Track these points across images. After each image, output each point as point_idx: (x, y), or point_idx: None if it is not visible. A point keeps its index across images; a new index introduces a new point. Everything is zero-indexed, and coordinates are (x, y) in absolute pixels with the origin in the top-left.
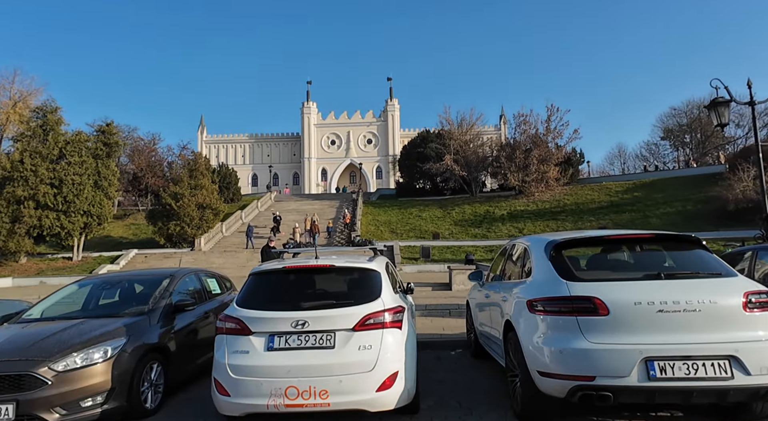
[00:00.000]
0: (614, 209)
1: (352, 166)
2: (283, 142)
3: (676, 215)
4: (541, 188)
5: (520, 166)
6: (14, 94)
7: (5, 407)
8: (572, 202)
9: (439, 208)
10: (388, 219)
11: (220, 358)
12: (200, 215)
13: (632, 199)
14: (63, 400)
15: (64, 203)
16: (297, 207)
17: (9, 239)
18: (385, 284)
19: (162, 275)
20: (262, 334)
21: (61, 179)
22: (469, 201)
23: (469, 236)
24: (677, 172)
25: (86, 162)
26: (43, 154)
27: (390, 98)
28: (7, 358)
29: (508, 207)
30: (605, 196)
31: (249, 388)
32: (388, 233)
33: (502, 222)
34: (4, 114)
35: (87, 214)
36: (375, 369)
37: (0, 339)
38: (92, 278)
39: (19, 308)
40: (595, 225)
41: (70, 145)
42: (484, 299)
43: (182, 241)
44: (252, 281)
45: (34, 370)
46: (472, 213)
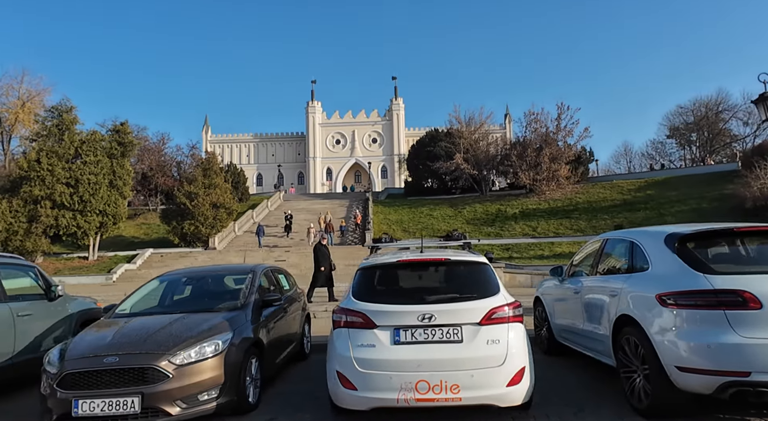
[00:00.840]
0: (628, 208)
1: (357, 166)
2: (287, 141)
3: (692, 212)
4: (552, 187)
5: (532, 164)
6: (23, 94)
7: (131, 400)
8: (584, 201)
9: (449, 207)
10: (400, 218)
11: (344, 351)
12: (214, 214)
13: (645, 198)
14: (183, 393)
15: (80, 203)
16: (306, 206)
17: (26, 238)
18: (498, 279)
19: (242, 270)
20: (387, 327)
21: (77, 179)
22: (479, 200)
23: (483, 234)
24: (689, 171)
25: (101, 161)
26: (59, 153)
27: (395, 97)
28: (128, 351)
29: (519, 206)
30: (617, 195)
31: (378, 382)
32: (401, 232)
33: (515, 221)
34: (12, 114)
35: (102, 213)
36: (505, 364)
37: (111, 333)
38: (172, 274)
39: (91, 305)
40: (609, 224)
41: (85, 145)
42: (571, 295)
43: (196, 240)
44: (364, 275)
45: (156, 363)
46: (484, 212)
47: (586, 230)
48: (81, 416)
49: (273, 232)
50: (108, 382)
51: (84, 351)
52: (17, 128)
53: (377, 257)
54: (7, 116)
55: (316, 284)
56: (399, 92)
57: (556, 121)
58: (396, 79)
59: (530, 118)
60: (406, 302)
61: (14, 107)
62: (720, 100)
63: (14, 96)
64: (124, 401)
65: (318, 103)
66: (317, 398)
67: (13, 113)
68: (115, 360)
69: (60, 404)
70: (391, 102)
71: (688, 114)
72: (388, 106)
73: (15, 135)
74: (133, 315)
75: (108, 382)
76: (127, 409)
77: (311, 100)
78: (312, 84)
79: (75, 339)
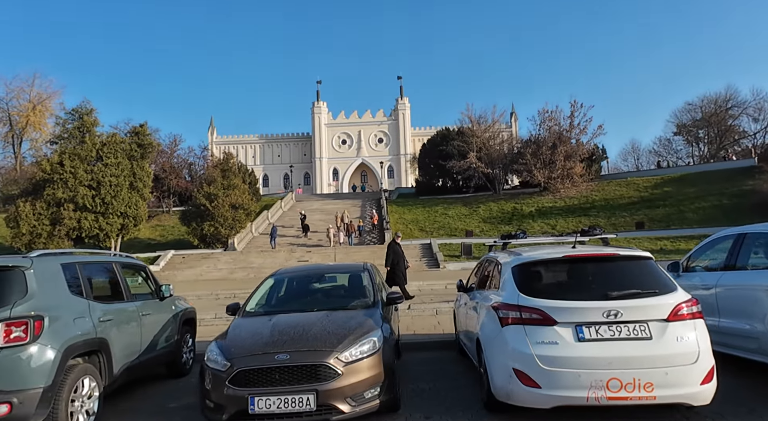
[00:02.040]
0: (646, 205)
1: (364, 166)
2: (293, 142)
3: (713, 209)
4: (566, 185)
5: (546, 162)
6: (33, 97)
7: (306, 397)
8: (601, 198)
9: (463, 206)
10: (415, 218)
11: (523, 348)
12: (233, 215)
13: (663, 195)
14: (352, 391)
15: (102, 205)
16: (319, 207)
17: (49, 241)
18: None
19: (355, 268)
20: (568, 324)
21: (99, 181)
22: (493, 198)
23: (501, 233)
24: (704, 167)
25: (122, 163)
26: (81, 156)
27: (400, 97)
28: (296, 348)
29: (535, 204)
30: (634, 192)
31: (564, 380)
32: (418, 231)
33: (532, 219)
34: (23, 117)
35: (124, 215)
36: (698, 362)
37: (266, 331)
38: (285, 273)
39: (186, 305)
40: (629, 221)
41: (106, 147)
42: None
43: (215, 241)
44: (526, 271)
45: (327, 360)
46: (499, 210)
47: (606, 228)
48: (257, 413)
49: (290, 232)
50: (280, 379)
51: (251, 348)
52: (28, 131)
53: (531, 252)
54: (18, 119)
55: (402, 281)
56: (404, 92)
57: (569, 118)
58: (401, 79)
59: (544, 116)
60: (585, 297)
61: (25, 110)
62: (729, 97)
63: (25, 99)
64: (299, 399)
65: (323, 104)
66: (465, 395)
67: (24, 116)
68: (287, 357)
69: (235, 401)
70: (397, 102)
71: (696, 111)
72: (393, 106)
73: (26, 138)
74: (269, 313)
75: (280, 379)
76: (302, 406)
77: (317, 101)
78: (317, 84)
79: (229, 336)
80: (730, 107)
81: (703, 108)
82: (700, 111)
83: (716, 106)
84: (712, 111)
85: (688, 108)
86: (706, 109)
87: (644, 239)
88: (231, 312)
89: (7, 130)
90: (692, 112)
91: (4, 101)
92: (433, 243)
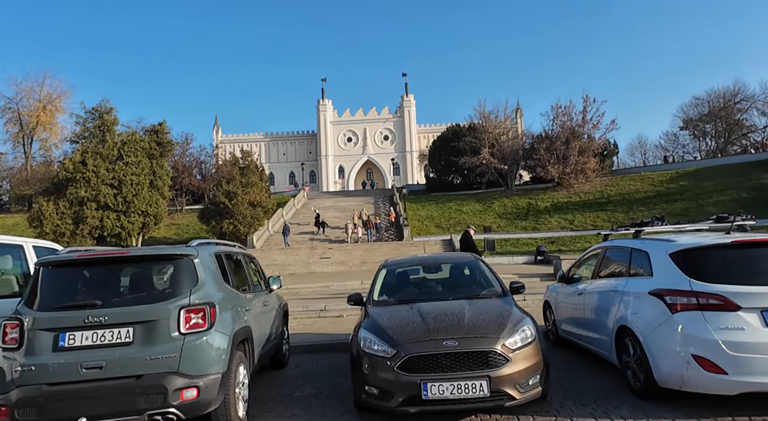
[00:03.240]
0: (663, 199)
1: (369, 163)
2: (299, 140)
3: (732, 202)
4: (580, 180)
5: (560, 157)
6: (44, 97)
7: (479, 383)
8: (616, 193)
9: (476, 202)
10: (429, 214)
11: (704, 335)
12: (252, 213)
13: (680, 189)
14: (520, 378)
15: (123, 204)
16: (332, 204)
17: (72, 240)
18: None
19: (466, 257)
20: (754, 309)
21: (120, 180)
22: (505, 194)
23: (519, 228)
24: (719, 161)
25: (142, 162)
26: (103, 154)
27: (406, 94)
28: (462, 335)
29: (549, 199)
30: (649, 186)
31: (754, 366)
32: (434, 228)
33: (548, 214)
34: (34, 117)
35: (144, 214)
36: None
37: (416, 318)
38: (398, 263)
39: (281, 299)
40: (648, 215)
41: (126, 146)
42: None
43: (234, 239)
44: (691, 257)
45: (496, 347)
46: (514, 206)
47: (624, 222)
48: (431, 398)
49: (306, 230)
50: (449, 365)
51: (415, 335)
52: (38, 131)
53: (685, 237)
54: (28, 119)
55: None
56: (409, 89)
57: (582, 113)
58: (406, 76)
59: (557, 111)
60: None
61: (36, 110)
62: (737, 91)
63: (35, 98)
64: (472, 385)
65: (329, 101)
66: (603, 384)
67: (34, 116)
68: (456, 344)
69: (406, 387)
70: (402, 99)
71: (703, 105)
72: (399, 103)
73: (36, 138)
74: (403, 302)
75: (449, 365)
76: (476, 392)
77: (322, 98)
78: (322, 82)
79: (379, 323)
80: (739, 101)
81: (711, 102)
82: (707, 105)
83: (724, 101)
84: (720, 105)
85: (696, 102)
86: (713, 104)
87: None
88: (354, 302)
89: (18, 131)
90: (699, 107)
91: (14, 101)
92: (454, 239)
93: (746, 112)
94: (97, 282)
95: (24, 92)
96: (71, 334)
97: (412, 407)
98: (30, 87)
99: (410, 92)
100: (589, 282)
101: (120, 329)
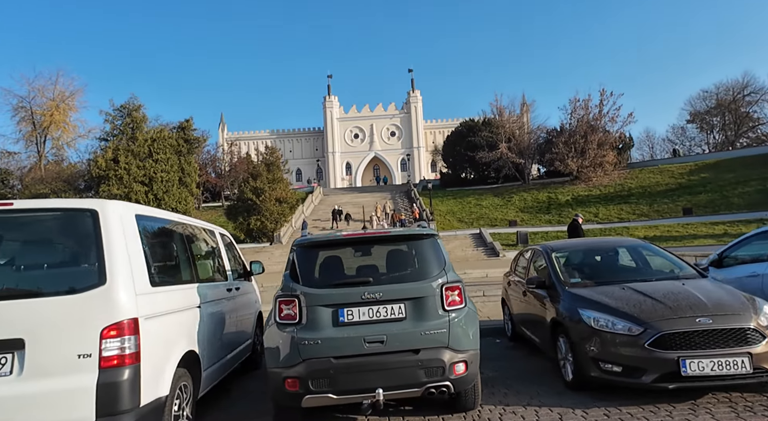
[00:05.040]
0: (687, 191)
1: (376, 160)
2: (305, 137)
3: (758, 193)
4: (599, 173)
5: (579, 151)
6: (57, 95)
7: (741, 360)
8: (637, 186)
9: (494, 197)
10: (450, 209)
11: None
12: (279, 209)
13: (701, 181)
14: None
15: (155, 201)
16: (349, 200)
17: None
18: None
19: (632, 241)
20: None
21: (151, 177)
22: (523, 188)
23: (542, 222)
24: (738, 153)
25: (171, 159)
26: (134, 152)
27: (412, 90)
28: (713, 313)
29: (569, 193)
30: (670, 179)
31: None
32: (456, 222)
33: (571, 207)
34: (47, 115)
35: (174, 211)
36: None
37: (643, 298)
38: (565, 248)
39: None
40: (673, 207)
41: (156, 143)
42: None
43: (261, 236)
44: None
45: (751, 324)
46: (534, 200)
47: (650, 215)
48: (690, 375)
49: (328, 225)
50: (703, 342)
51: (662, 313)
52: (52, 131)
53: None
54: (42, 118)
55: None
56: (416, 85)
57: (599, 107)
58: (412, 72)
59: (575, 104)
60: None
61: (49, 109)
62: (746, 83)
63: (48, 97)
64: (734, 362)
65: (335, 98)
66: None
67: (48, 115)
68: (710, 322)
69: (660, 364)
70: (409, 95)
71: (711, 98)
72: (405, 99)
73: (49, 136)
74: (602, 283)
75: (703, 342)
76: (738, 369)
77: (328, 95)
78: (328, 79)
79: (602, 303)
80: (749, 93)
81: (719, 95)
82: (715, 98)
83: (733, 93)
84: (730, 98)
85: (704, 96)
86: (722, 97)
87: (698, 224)
88: (535, 285)
89: (31, 130)
90: (707, 100)
91: (27, 100)
92: (483, 232)
93: (756, 105)
94: (357, 261)
95: (36, 90)
96: (349, 310)
97: (669, 383)
98: (42, 85)
99: (417, 88)
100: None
101: (393, 305)
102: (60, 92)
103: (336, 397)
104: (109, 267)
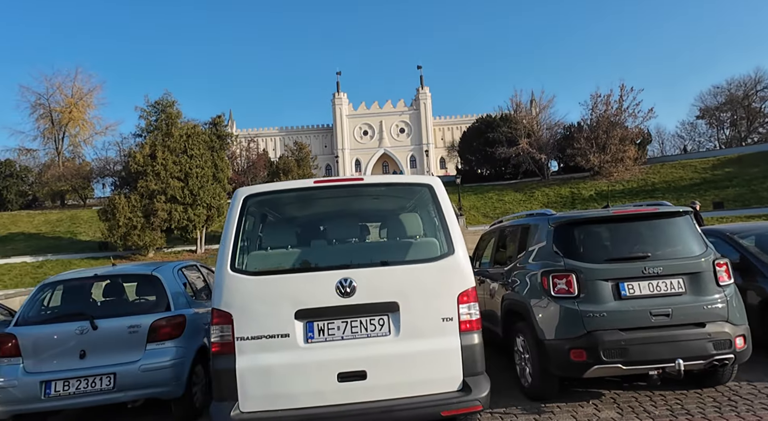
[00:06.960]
0: (712, 186)
1: (386, 156)
2: (314, 134)
3: None
4: (620, 169)
5: (601, 146)
6: (75, 93)
7: None
8: (660, 181)
9: (515, 192)
10: (472, 204)
11: None
12: None
13: (726, 175)
14: None
15: (190, 196)
16: None
17: (143, 232)
18: None
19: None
20: None
21: (187, 173)
22: (543, 184)
23: None
24: (760, 147)
25: (205, 155)
26: (171, 147)
27: (421, 87)
28: None
29: (592, 188)
30: (693, 174)
31: None
32: (481, 217)
33: (596, 202)
34: (66, 112)
35: (209, 206)
36: None
37: None
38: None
39: None
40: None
41: (190, 139)
42: None
43: None
44: None
45: None
46: (556, 195)
47: None
48: None
49: None
50: None
51: None
52: (70, 127)
53: None
54: (60, 115)
55: None
56: (425, 81)
57: (619, 102)
58: (421, 69)
59: (596, 100)
60: None
61: (68, 106)
62: (758, 78)
63: (67, 94)
64: None
65: (344, 95)
66: None
67: (66, 112)
68: None
69: None
70: (418, 91)
71: (722, 94)
72: (414, 96)
73: (67, 134)
74: None
75: None
76: None
77: (337, 92)
78: (337, 75)
79: None
80: (761, 89)
81: (731, 91)
82: (726, 94)
83: (745, 89)
84: (742, 94)
85: (715, 91)
86: (734, 92)
87: (733, 217)
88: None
89: (49, 127)
90: (718, 96)
91: (45, 97)
92: None
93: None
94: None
95: (54, 88)
96: (630, 284)
97: None
98: (60, 82)
99: (426, 84)
100: None
101: (672, 279)
102: (78, 89)
103: (625, 368)
104: (453, 237)
